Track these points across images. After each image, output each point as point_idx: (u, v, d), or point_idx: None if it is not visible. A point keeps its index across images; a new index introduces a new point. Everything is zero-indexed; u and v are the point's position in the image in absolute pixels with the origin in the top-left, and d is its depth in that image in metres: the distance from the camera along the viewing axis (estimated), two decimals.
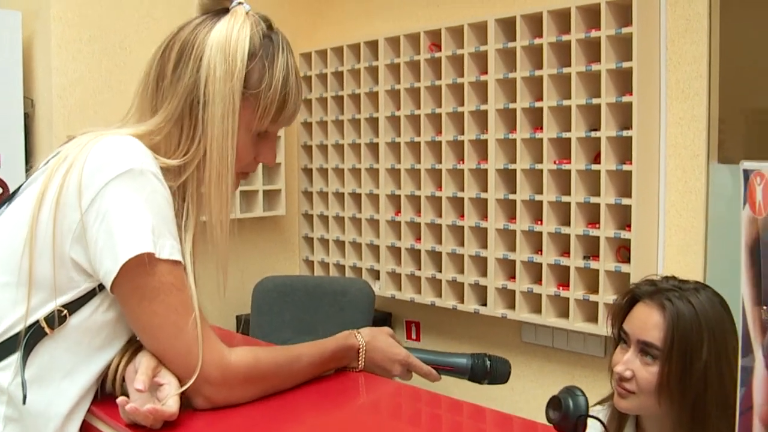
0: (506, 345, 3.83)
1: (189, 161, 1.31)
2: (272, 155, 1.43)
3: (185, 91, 1.31)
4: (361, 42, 4.18)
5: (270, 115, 1.36)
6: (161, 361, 1.27)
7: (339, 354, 1.48)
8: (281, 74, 1.35)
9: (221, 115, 1.30)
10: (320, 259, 4.52)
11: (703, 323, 1.67)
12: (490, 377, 1.62)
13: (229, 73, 1.30)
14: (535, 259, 3.44)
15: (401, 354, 1.56)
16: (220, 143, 1.30)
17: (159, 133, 1.32)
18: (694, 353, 1.65)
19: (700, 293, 1.72)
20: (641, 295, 1.77)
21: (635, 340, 1.72)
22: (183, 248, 1.29)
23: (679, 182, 3.14)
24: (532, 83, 3.46)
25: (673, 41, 3.12)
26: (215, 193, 1.31)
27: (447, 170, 3.80)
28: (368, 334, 1.54)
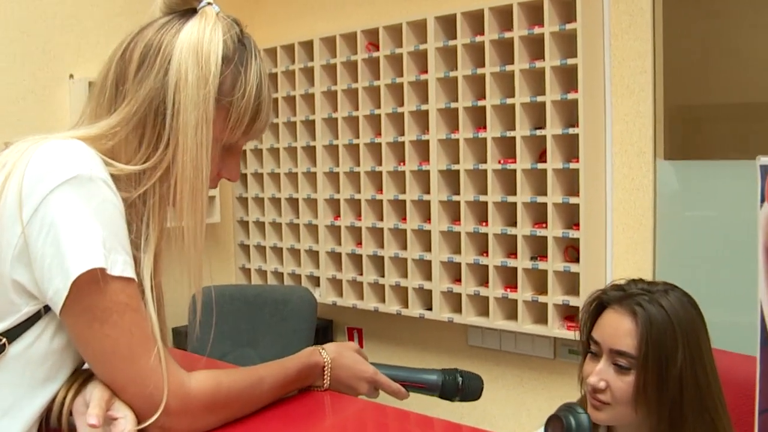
0: (452, 349, 3.75)
1: (150, 170, 1.19)
2: (237, 171, 1.31)
3: (149, 95, 1.18)
4: (295, 42, 4.06)
5: (242, 126, 1.24)
6: (114, 391, 1.14)
7: (303, 373, 1.37)
8: (255, 82, 1.24)
9: (194, 124, 1.17)
10: (257, 267, 4.39)
11: (676, 327, 1.61)
12: (461, 394, 1.53)
13: (203, 79, 1.18)
14: (481, 261, 3.37)
15: (368, 371, 1.45)
16: (194, 155, 1.18)
17: (113, 138, 1.18)
18: (669, 359, 1.59)
19: (670, 294, 1.66)
20: (609, 301, 1.69)
21: (607, 349, 1.65)
22: (142, 266, 1.17)
23: (625, 180, 3.10)
24: (474, 82, 3.40)
25: (617, 37, 3.09)
26: (189, 208, 1.19)
27: (387, 172, 3.71)
28: (333, 350, 1.43)
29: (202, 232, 1.21)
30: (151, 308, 1.16)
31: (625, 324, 1.63)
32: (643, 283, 1.71)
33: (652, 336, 1.59)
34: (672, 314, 1.61)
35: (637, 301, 1.63)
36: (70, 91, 3.82)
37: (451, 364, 3.65)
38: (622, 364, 1.62)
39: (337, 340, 4.20)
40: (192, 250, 1.20)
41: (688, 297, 1.69)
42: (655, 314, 1.61)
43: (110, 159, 1.17)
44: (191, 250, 1.20)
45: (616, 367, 1.63)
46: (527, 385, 3.47)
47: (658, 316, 1.61)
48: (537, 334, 3.32)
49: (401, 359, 3.93)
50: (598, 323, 1.70)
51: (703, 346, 1.64)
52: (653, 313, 1.61)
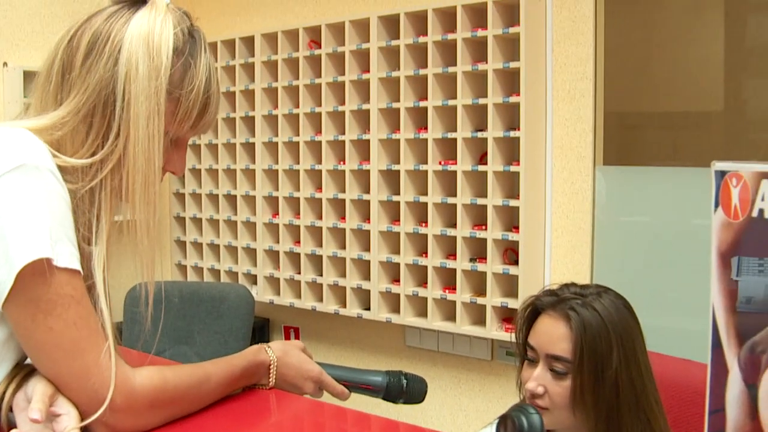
0: (390, 349, 3.75)
1: (101, 162, 1.16)
2: (183, 165, 1.30)
3: (98, 85, 1.16)
4: (236, 37, 4.02)
5: (191, 120, 1.22)
6: (57, 386, 1.11)
7: (249, 371, 1.35)
8: (204, 75, 1.22)
9: (146, 116, 1.16)
10: (194, 264, 4.33)
11: (610, 329, 1.62)
12: (405, 396, 1.53)
13: (154, 70, 1.16)
14: (420, 262, 3.38)
15: (314, 371, 1.44)
16: (146, 146, 1.16)
17: (61, 128, 1.15)
18: (605, 361, 1.61)
19: (603, 298, 1.67)
20: (543, 307, 1.70)
21: (543, 354, 1.66)
22: (93, 260, 1.15)
23: (565, 184, 3.14)
24: (416, 82, 3.40)
25: (559, 42, 3.12)
26: (141, 199, 1.17)
27: (327, 171, 3.69)
28: (279, 349, 1.42)
29: (155, 224, 1.20)
30: (104, 303, 1.14)
31: (560, 329, 1.64)
32: (576, 287, 1.72)
33: (587, 340, 1.60)
34: (605, 317, 1.63)
35: (570, 306, 1.64)
36: (4, 79, 3.73)
37: (389, 365, 3.67)
38: (558, 369, 1.63)
39: (273, 339, 4.17)
40: (145, 243, 1.19)
41: (622, 299, 1.71)
42: (588, 318, 1.62)
43: (57, 151, 1.14)
44: (144, 242, 1.19)
45: (553, 373, 1.63)
46: (464, 387, 3.48)
47: (591, 319, 1.62)
48: (475, 336, 3.33)
49: (338, 359, 3.92)
50: (533, 329, 1.71)
51: (638, 348, 1.66)
52: (587, 317, 1.62)
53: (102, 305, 1.15)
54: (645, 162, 3.04)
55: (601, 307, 1.64)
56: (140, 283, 1.23)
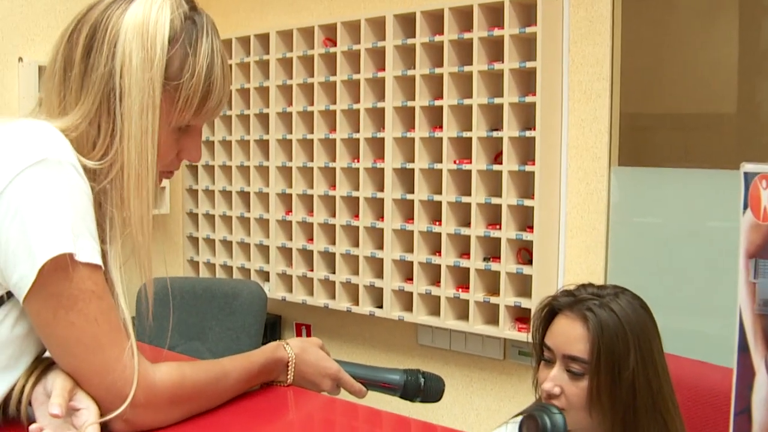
0: (401, 348, 3.75)
1: (110, 164, 1.15)
2: (197, 151, 1.28)
3: (101, 82, 1.14)
4: (251, 35, 4.02)
5: (192, 108, 1.20)
6: (76, 381, 1.10)
7: (268, 368, 1.35)
8: (205, 61, 1.19)
9: (139, 109, 1.14)
10: (206, 260, 4.34)
11: (627, 330, 1.62)
12: (422, 395, 1.52)
13: (148, 62, 1.14)
14: (434, 261, 3.37)
15: (332, 368, 1.44)
16: (139, 141, 1.15)
17: (75, 130, 1.15)
18: (621, 363, 1.60)
19: (620, 298, 1.67)
20: (560, 307, 1.70)
21: (560, 355, 1.65)
22: (109, 258, 1.14)
23: (580, 184, 3.13)
24: (431, 81, 3.39)
25: (576, 43, 3.11)
26: (135, 196, 1.15)
27: (341, 168, 3.69)
28: (298, 346, 1.41)
29: (149, 221, 1.17)
30: (123, 301, 1.13)
31: (577, 329, 1.63)
32: (593, 288, 1.71)
33: (604, 340, 1.60)
34: (623, 318, 1.62)
35: (587, 306, 1.64)
36: (19, 74, 3.74)
37: (401, 363, 3.67)
38: (575, 370, 1.62)
39: (285, 336, 4.17)
40: (139, 239, 1.17)
41: (639, 300, 1.70)
42: (606, 319, 1.61)
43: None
44: (138, 239, 1.17)
45: (570, 373, 1.63)
46: (476, 386, 3.48)
47: (609, 320, 1.61)
48: (487, 335, 3.33)
49: (350, 357, 3.90)
50: (550, 329, 1.70)
51: (655, 349, 1.66)
52: (604, 317, 1.62)
53: (121, 303, 1.14)
54: (660, 163, 3.03)
55: (618, 308, 1.63)
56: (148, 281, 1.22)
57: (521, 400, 3.32)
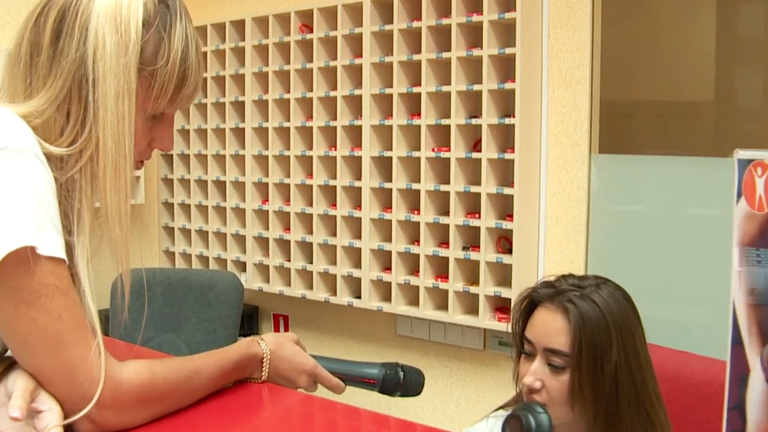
0: (380, 338, 3.71)
1: (79, 151, 1.10)
2: (170, 140, 1.23)
3: (71, 67, 1.09)
4: (226, 21, 3.96)
5: (167, 95, 1.15)
6: (39, 381, 1.05)
7: (242, 365, 1.30)
8: (180, 46, 1.15)
9: (114, 95, 1.09)
10: (182, 250, 4.28)
11: (609, 322, 1.58)
12: (402, 389, 1.48)
13: (123, 46, 1.09)
14: (413, 250, 3.33)
15: (308, 364, 1.39)
16: (116, 129, 1.10)
17: (39, 116, 1.09)
18: (604, 355, 1.56)
19: (602, 289, 1.63)
20: (540, 299, 1.65)
21: (541, 348, 1.61)
22: (76, 252, 1.09)
23: (560, 172, 3.09)
24: (409, 68, 3.35)
25: (555, 29, 3.07)
26: (112, 186, 1.10)
27: (318, 157, 3.64)
28: (272, 341, 1.36)
29: (127, 211, 1.13)
30: (89, 298, 1.08)
31: (558, 322, 1.59)
32: (574, 279, 1.67)
33: (585, 333, 1.56)
34: (605, 309, 1.58)
35: (568, 298, 1.60)
36: None
37: (379, 354, 3.63)
38: (556, 364, 1.58)
39: (263, 328, 4.13)
40: (117, 231, 1.12)
41: (621, 290, 1.67)
42: (587, 310, 1.57)
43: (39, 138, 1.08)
44: (116, 230, 1.12)
45: (551, 367, 1.59)
46: (456, 376, 3.45)
47: (590, 312, 1.57)
48: (467, 325, 3.29)
49: (328, 348, 3.88)
50: (530, 322, 1.66)
51: (638, 340, 1.62)
52: (585, 309, 1.58)
53: (88, 300, 1.09)
54: (641, 151, 3.00)
55: (600, 299, 1.60)
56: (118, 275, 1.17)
57: (501, 390, 3.30)
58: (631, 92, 3.05)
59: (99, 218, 1.13)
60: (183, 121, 4.19)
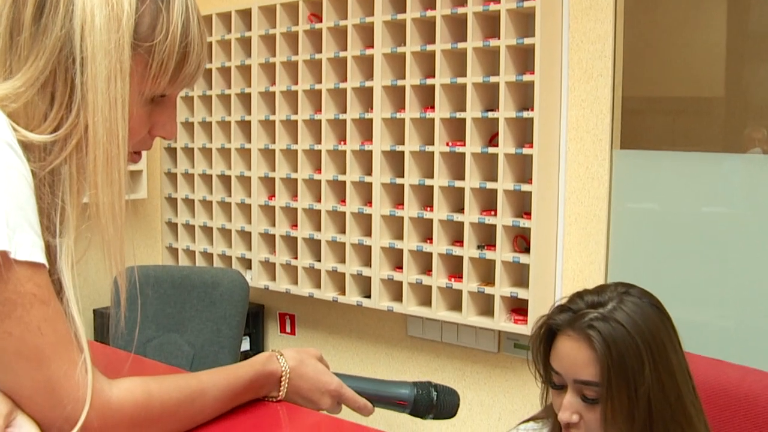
0: (390, 339, 3.59)
1: (64, 138, 0.97)
2: (172, 126, 1.10)
3: (55, 45, 0.97)
4: (232, 10, 3.83)
5: (167, 74, 1.03)
6: (16, 402, 0.93)
7: (257, 384, 1.18)
8: (180, 18, 1.03)
9: (106, 76, 0.96)
10: (185, 247, 4.16)
11: (638, 341, 1.43)
12: (435, 411, 1.35)
13: (114, 20, 0.97)
14: (425, 248, 3.21)
15: (333, 384, 1.27)
16: (107, 114, 0.97)
17: (16, 100, 0.96)
18: (636, 379, 1.43)
19: (625, 303, 1.48)
20: (559, 327, 1.51)
21: (571, 380, 1.48)
22: (60, 255, 0.97)
23: (580, 168, 2.97)
24: (423, 59, 3.22)
25: (576, 18, 2.94)
26: (104, 179, 0.98)
27: (327, 151, 3.52)
28: (293, 357, 1.24)
29: (121, 208, 1.01)
30: (74, 307, 0.96)
31: (583, 352, 1.45)
32: (591, 296, 1.52)
33: (614, 360, 1.42)
34: (631, 328, 1.44)
35: (588, 323, 1.45)
36: None
37: (389, 356, 3.51)
38: (589, 395, 1.46)
39: (268, 327, 4.01)
40: (110, 228, 1.00)
41: (648, 296, 1.53)
42: (611, 334, 1.43)
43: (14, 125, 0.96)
44: (109, 228, 1.00)
45: (584, 397, 1.47)
46: (469, 379, 3.32)
47: (615, 335, 1.43)
48: (481, 327, 3.17)
49: (336, 348, 3.76)
50: (554, 351, 1.52)
51: (671, 352, 1.49)
52: (609, 333, 1.43)
53: (72, 309, 0.97)
54: (664, 147, 2.88)
55: (623, 317, 1.45)
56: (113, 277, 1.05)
57: (516, 394, 3.18)
58: (655, 85, 2.93)
59: (88, 216, 1.00)
60: (187, 113, 4.07)
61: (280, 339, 4.03)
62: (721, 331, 2.77)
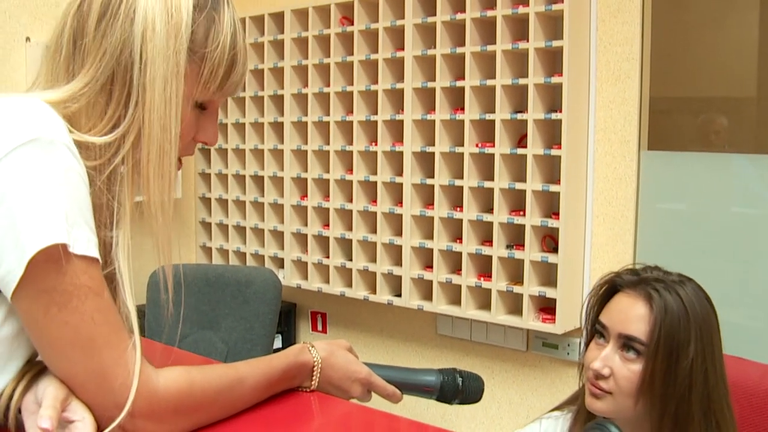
0: (420, 338, 3.64)
1: (122, 137, 1.05)
2: (214, 132, 1.18)
3: (115, 49, 1.04)
4: (265, 13, 3.90)
5: (217, 80, 1.11)
6: (71, 388, 1.00)
7: (290, 374, 1.23)
8: (229, 30, 1.11)
9: (163, 78, 1.04)
10: (219, 246, 4.23)
11: (691, 318, 1.50)
12: (461, 396, 1.41)
13: (174, 28, 1.05)
14: (455, 248, 3.25)
15: (362, 372, 1.32)
16: (162, 112, 1.04)
17: (77, 101, 1.04)
18: (681, 350, 1.48)
19: (686, 286, 1.55)
20: (623, 285, 1.58)
21: (616, 333, 1.54)
22: (116, 248, 1.03)
23: (608, 169, 3.00)
24: (453, 61, 3.27)
25: (604, 21, 2.97)
26: (155, 172, 1.05)
27: (359, 152, 3.57)
28: (324, 348, 1.29)
29: (170, 200, 1.08)
30: (128, 295, 1.03)
31: (639, 309, 1.52)
32: (659, 272, 1.61)
33: (666, 324, 1.49)
34: (688, 305, 1.51)
35: (653, 287, 1.53)
36: (27, 54, 3.63)
37: (419, 354, 3.56)
38: (630, 351, 1.51)
39: (300, 325, 4.07)
40: (160, 221, 1.07)
41: (704, 292, 1.59)
42: (670, 302, 1.51)
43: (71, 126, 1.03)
44: (158, 221, 1.07)
45: (623, 354, 1.52)
46: (498, 378, 3.37)
47: (673, 304, 1.50)
48: (510, 326, 3.21)
49: (367, 346, 3.81)
50: (607, 307, 1.59)
51: (716, 345, 1.55)
52: (669, 300, 1.51)
53: (126, 298, 1.04)
54: (691, 148, 2.90)
55: (684, 294, 1.53)
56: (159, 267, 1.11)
57: (544, 392, 3.22)
58: (680, 87, 2.95)
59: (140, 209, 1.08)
60: (221, 115, 4.14)
61: (311, 337, 4.09)
62: (751, 331, 2.79)
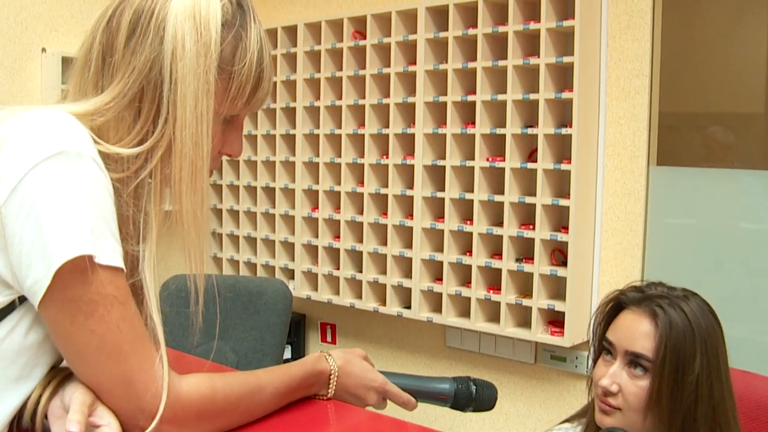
0: (429, 350, 3.66)
1: (150, 150, 1.07)
2: (239, 145, 1.20)
3: (144, 67, 1.07)
4: (278, 27, 3.94)
5: (244, 96, 1.13)
6: (97, 394, 1.02)
7: (308, 381, 1.26)
8: (256, 47, 1.13)
9: (194, 95, 1.07)
10: (230, 257, 4.26)
11: (696, 333, 1.53)
12: (475, 404, 1.43)
13: (203, 46, 1.07)
14: (464, 261, 3.28)
15: (378, 380, 1.35)
16: (195, 129, 1.07)
17: (104, 114, 1.06)
18: (686, 366, 1.51)
19: (690, 301, 1.58)
20: (628, 302, 1.61)
21: (623, 351, 1.56)
22: (143, 260, 1.06)
23: (617, 184, 3.03)
24: (464, 76, 3.30)
25: (614, 37, 3.01)
26: (188, 188, 1.08)
27: (370, 165, 3.60)
28: (341, 357, 1.32)
29: (203, 214, 1.10)
30: (154, 306, 1.06)
31: (644, 326, 1.55)
32: (663, 287, 1.63)
33: (671, 340, 1.52)
34: (693, 320, 1.54)
35: (657, 303, 1.55)
36: (42, 65, 3.67)
37: (429, 365, 3.59)
38: (637, 368, 1.54)
39: (309, 336, 4.10)
40: (193, 234, 1.10)
41: (709, 306, 1.62)
42: (675, 318, 1.53)
43: (98, 138, 1.05)
44: (191, 234, 1.10)
45: (630, 371, 1.55)
46: (506, 390, 3.39)
47: (678, 320, 1.53)
48: (518, 338, 3.24)
49: (376, 358, 3.83)
50: (614, 324, 1.62)
51: (721, 358, 1.57)
52: (673, 316, 1.53)
53: (152, 309, 1.07)
54: (700, 164, 2.93)
55: (688, 310, 1.55)
56: (188, 276, 1.13)
57: (552, 405, 3.24)
58: (690, 103, 2.98)
59: (169, 222, 1.11)
60: None
61: (320, 348, 4.11)
62: (759, 345, 2.81)
